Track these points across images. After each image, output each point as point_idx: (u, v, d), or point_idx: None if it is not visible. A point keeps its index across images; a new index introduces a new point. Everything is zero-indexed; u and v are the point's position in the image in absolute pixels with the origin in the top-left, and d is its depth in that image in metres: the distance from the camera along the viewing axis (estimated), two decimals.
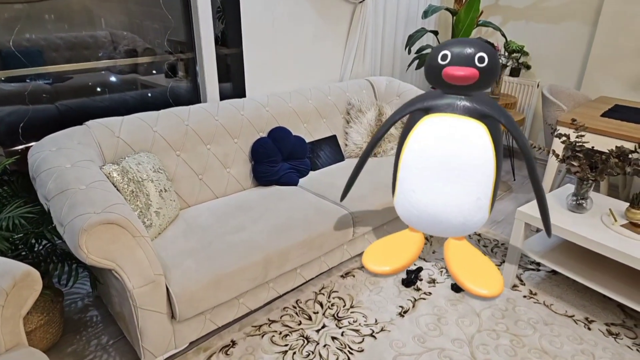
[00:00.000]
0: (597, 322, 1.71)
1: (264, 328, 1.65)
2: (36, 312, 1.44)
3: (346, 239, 1.84)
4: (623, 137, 2.02)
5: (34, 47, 1.71)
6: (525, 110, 3.23)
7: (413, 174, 1.51)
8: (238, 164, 2.02)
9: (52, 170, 1.36)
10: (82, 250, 1.16)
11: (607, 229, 1.65)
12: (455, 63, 1.41)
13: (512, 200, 2.74)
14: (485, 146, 1.42)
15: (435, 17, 3.30)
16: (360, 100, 2.45)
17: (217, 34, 2.19)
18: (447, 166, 1.44)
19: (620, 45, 2.70)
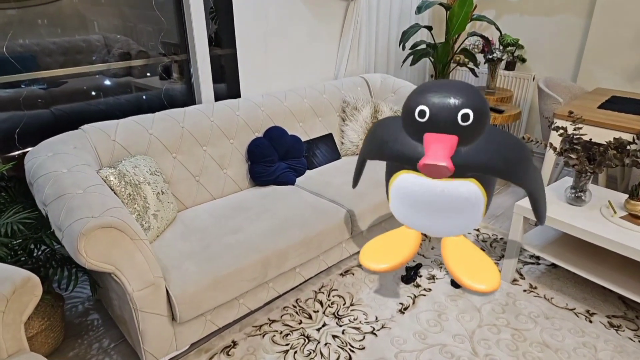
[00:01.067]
0: (598, 315, 1.71)
1: (265, 328, 1.65)
2: (37, 317, 1.44)
3: (344, 237, 1.84)
4: (621, 128, 2.02)
5: (27, 52, 1.71)
6: (521, 103, 3.23)
7: (402, 205, 1.48)
8: (235, 165, 2.02)
9: (49, 175, 1.36)
10: (81, 254, 1.16)
11: (607, 221, 1.65)
12: (434, 123, 1.21)
13: (510, 195, 2.74)
14: (475, 196, 1.32)
15: (429, 13, 3.29)
16: (355, 98, 2.45)
17: (211, 35, 2.19)
18: (435, 208, 1.39)
19: (615, 37, 2.69)
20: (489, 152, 1.25)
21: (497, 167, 1.25)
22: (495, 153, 1.25)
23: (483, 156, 1.25)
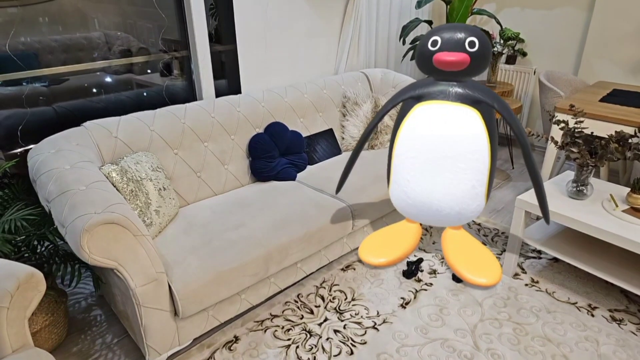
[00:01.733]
0: (600, 309, 1.71)
1: (267, 323, 1.66)
2: (41, 313, 1.45)
3: (346, 232, 1.85)
4: (622, 121, 2.01)
5: (29, 50, 1.71)
6: (522, 97, 3.22)
7: (406, 164, 1.50)
8: (236, 161, 2.02)
9: (52, 172, 1.37)
10: (84, 250, 1.17)
11: (609, 215, 1.64)
12: (445, 49, 1.39)
13: (511, 189, 2.74)
14: (478, 133, 1.41)
15: (429, 7, 3.28)
16: (355, 93, 2.45)
17: (211, 31, 2.18)
18: (441, 154, 1.43)
19: (616, 29, 2.67)
20: (488, 91, 1.45)
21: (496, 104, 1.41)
22: (492, 93, 1.45)
23: (485, 91, 1.43)
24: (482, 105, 1.42)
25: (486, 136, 1.43)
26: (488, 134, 1.43)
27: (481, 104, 1.42)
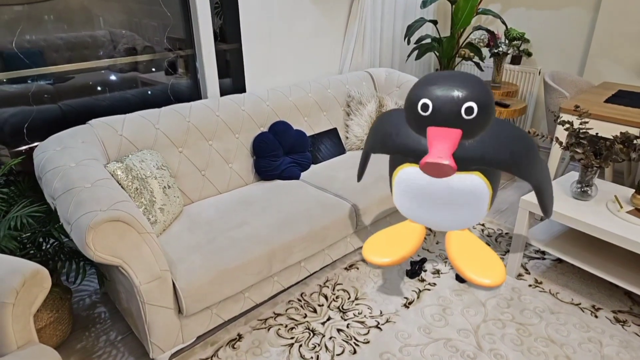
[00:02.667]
0: (604, 310, 1.71)
1: (270, 321, 1.66)
2: (46, 310, 1.46)
3: (349, 231, 1.85)
4: (627, 122, 2.00)
5: (35, 48, 1.72)
6: (527, 98, 3.21)
7: (406, 199, 1.47)
8: (240, 159, 2.03)
9: (58, 169, 1.37)
10: (90, 247, 1.17)
11: (613, 216, 1.64)
12: (437, 117, 1.19)
13: (515, 189, 2.73)
14: (479, 190, 1.30)
15: (434, 7, 3.27)
16: (360, 92, 2.44)
17: (216, 30, 2.19)
18: (438, 202, 1.38)
19: (622, 30, 2.66)
20: (494, 145, 1.23)
21: (503, 161, 1.22)
22: (500, 146, 1.22)
23: (488, 149, 1.22)
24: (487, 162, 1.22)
25: (488, 189, 1.31)
26: (491, 186, 1.32)
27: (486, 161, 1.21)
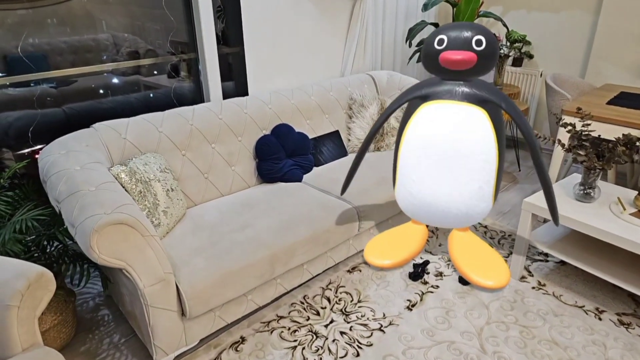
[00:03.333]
0: (607, 312, 1.70)
1: (273, 324, 1.66)
2: (50, 313, 1.47)
3: (352, 233, 1.85)
4: (630, 124, 2.00)
5: (38, 52, 1.74)
6: (529, 100, 3.21)
7: (412, 164, 1.50)
8: (242, 162, 2.03)
9: (62, 172, 1.38)
10: (94, 250, 1.18)
11: (616, 218, 1.63)
12: (452, 47, 1.38)
13: (518, 191, 2.73)
14: (486, 132, 1.40)
15: (436, 10, 3.28)
16: (362, 95, 2.45)
17: (219, 33, 2.20)
18: (447, 154, 1.42)
19: (624, 32, 2.66)
20: (495, 90, 1.43)
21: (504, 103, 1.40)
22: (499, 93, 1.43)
23: (492, 90, 1.42)
24: (489, 105, 1.41)
25: (494, 137, 1.42)
26: (496, 135, 1.42)
27: (488, 104, 1.41)
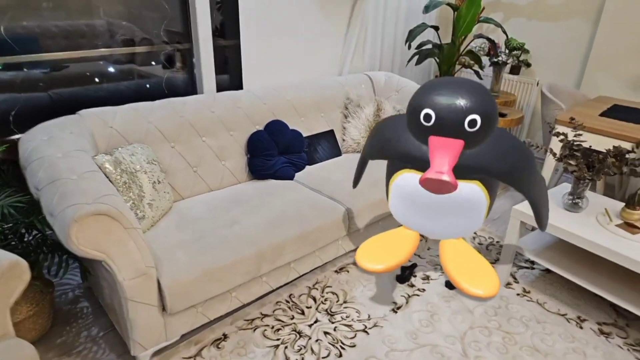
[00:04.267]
0: (589, 321, 1.72)
1: (257, 322, 1.64)
2: (25, 303, 1.43)
3: (341, 234, 1.83)
4: (621, 137, 2.01)
5: (29, 34, 1.68)
6: (524, 108, 3.22)
7: (402, 205, 1.46)
8: (233, 157, 2.00)
9: (43, 159, 1.34)
10: (73, 241, 1.14)
11: (602, 229, 1.64)
12: (439, 128, 1.18)
13: (507, 199, 2.74)
14: (478, 199, 1.29)
15: (436, 13, 3.27)
16: (358, 95, 2.43)
17: (216, 25, 2.16)
18: (436, 211, 1.37)
19: (621, 45, 2.68)
20: (495, 155, 1.22)
21: (503, 172, 1.22)
22: (501, 157, 1.22)
23: (488, 159, 1.22)
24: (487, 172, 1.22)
25: (486, 199, 1.31)
26: (489, 196, 1.32)
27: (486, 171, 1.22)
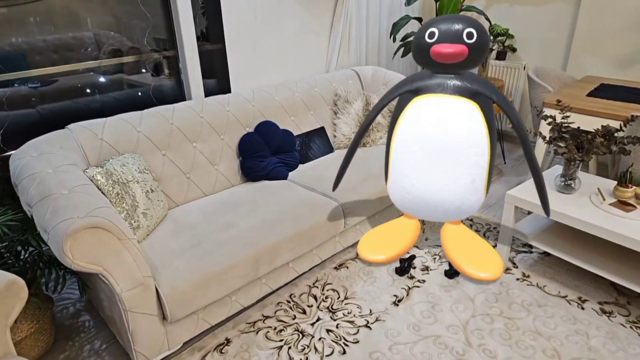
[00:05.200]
0: (590, 302, 1.73)
1: (259, 324, 1.64)
2: (26, 321, 1.42)
3: (337, 230, 1.84)
4: (609, 115, 2.03)
5: (16, 51, 1.67)
6: (512, 93, 3.23)
7: (405, 159, 1.49)
8: (225, 161, 2.00)
9: (34, 176, 1.34)
10: (67, 256, 1.14)
11: (596, 209, 1.65)
12: (443, 40, 1.37)
13: (503, 184, 2.75)
14: (477, 125, 1.40)
15: (419, 4, 3.27)
16: (346, 91, 2.43)
17: (201, 30, 2.15)
18: (440, 148, 1.42)
19: (603, 25, 2.69)
20: (486, 83, 1.43)
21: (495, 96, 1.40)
22: (490, 85, 1.42)
23: (483, 83, 1.42)
24: (480, 98, 1.40)
25: (485, 130, 1.41)
26: (487, 128, 1.42)
27: (480, 97, 1.40)
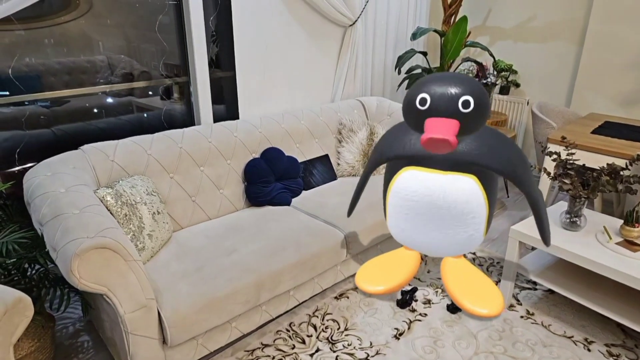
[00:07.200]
0: (596, 343, 1.69)
1: (257, 352, 1.62)
2: (27, 339, 1.42)
3: (339, 259, 1.84)
4: (614, 153, 2.04)
5: (32, 72, 1.75)
6: (516, 127, 3.27)
7: (401, 217, 1.46)
8: (231, 185, 2.03)
9: (47, 195, 1.37)
10: (74, 275, 1.16)
11: (602, 247, 1.64)
12: (435, 110, 1.22)
13: (506, 218, 2.74)
14: (475, 198, 1.30)
15: (424, 39, 3.38)
16: (351, 120, 2.49)
17: (212, 57, 2.24)
18: (434, 217, 1.37)
19: (607, 63, 2.76)
20: (490, 149, 1.25)
21: (500, 164, 1.24)
22: (496, 151, 1.24)
23: (485, 152, 1.24)
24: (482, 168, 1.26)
25: (484, 201, 1.31)
26: (487, 196, 1.31)
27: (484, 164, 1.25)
